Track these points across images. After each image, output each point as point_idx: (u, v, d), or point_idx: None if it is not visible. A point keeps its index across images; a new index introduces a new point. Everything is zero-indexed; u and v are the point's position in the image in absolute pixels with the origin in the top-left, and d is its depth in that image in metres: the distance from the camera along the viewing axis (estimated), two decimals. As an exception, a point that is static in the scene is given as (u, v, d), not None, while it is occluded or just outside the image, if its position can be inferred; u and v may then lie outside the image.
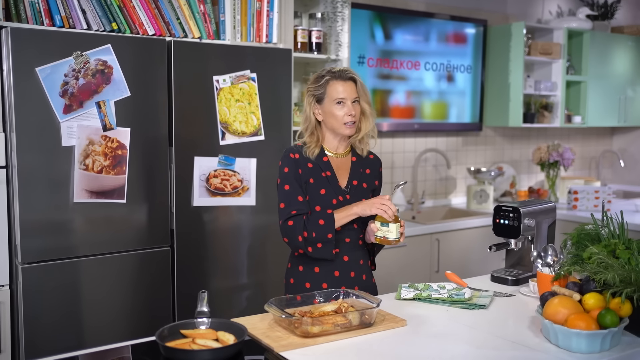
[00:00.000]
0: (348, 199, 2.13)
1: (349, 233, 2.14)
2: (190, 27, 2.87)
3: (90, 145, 2.47)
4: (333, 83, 2.10)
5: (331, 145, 2.17)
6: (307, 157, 2.13)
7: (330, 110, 2.10)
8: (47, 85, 2.37)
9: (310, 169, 2.12)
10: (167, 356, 1.57)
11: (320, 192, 2.11)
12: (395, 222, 2.03)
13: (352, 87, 2.10)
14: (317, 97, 2.12)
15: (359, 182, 2.18)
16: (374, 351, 1.64)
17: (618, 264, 1.75)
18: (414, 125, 4.32)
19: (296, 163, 2.11)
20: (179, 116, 2.68)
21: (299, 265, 2.18)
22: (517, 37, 4.45)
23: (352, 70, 2.15)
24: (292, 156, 2.12)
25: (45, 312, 2.44)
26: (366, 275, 2.21)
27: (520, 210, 2.29)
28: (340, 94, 2.08)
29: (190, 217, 2.74)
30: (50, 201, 2.42)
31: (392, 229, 2.03)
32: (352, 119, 2.09)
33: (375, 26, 4.05)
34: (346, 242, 2.15)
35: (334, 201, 2.12)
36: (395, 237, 2.03)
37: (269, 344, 1.66)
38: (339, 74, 2.10)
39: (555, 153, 4.62)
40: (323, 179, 2.12)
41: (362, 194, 2.18)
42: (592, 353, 1.61)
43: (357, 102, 2.11)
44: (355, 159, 2.20)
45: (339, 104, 2.09)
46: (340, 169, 2.17)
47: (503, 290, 2.23)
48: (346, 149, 2.20)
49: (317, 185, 2.11)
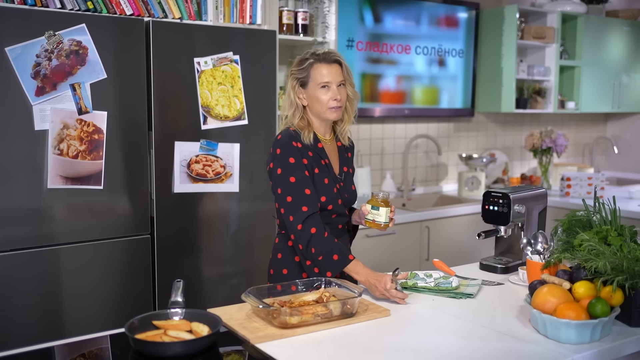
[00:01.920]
0: (342, 186, 2.08)
1: (341, 219, 2.09)
2: (170, 7, 2.77)
3: (65, 129, 2.38)
4: (317, 66, 2.00)
5: (319, 131, 2.08)
6: (306, 143, 1.99)
7: (314, 95, 2.00)
8: (17, 66, 2.27)
9: (312, 157, 2.00)
10: (137, 349, 1.49)
11: (324, 181, 2.02)
12: (386, 206, 1.99)
13: (337, 70, 2.01)
14: (300, 81, 2.02)
15: (348, 167, 2.14)
16: (354, 343, 1.57)
17: (609, 251, 1.69)
18: (404, 111, 4.24)
19: (300, 152, 1.97)
20: (159, 99, 2.59)
21: (277, 253, 2.10)
22: (510, 21, 4.36)
23: (337, 52, 2.07)
24: (294, 144, 1.97)
25: (19, 302, 2.36)
26: None
27: (510, 197, 2.22)
28: (325, 78, 1.99)
29: (171, 204, 2.66)
30: (23, 188, 2.33)
31: (381, 213, 1.99)
32: (337, 103, 2.00)
33: (364, 8, 3.95)
34: (339, 228, 2.09)
35: (334, 189, 2.04)
36: (384, 220, 1.99)
37: (245, 335, 1.58)
38: (323, 57, 2.01)
39: (548, 139, 4.56)
40: (324, 167, 2.03)
41: (351, 180, 2.14)
42: (581, 343, 1.54)
43: (342, 85, 2.03)
44: (340, 144, 2.14)
45: (323, 87, 1.99)
46: (332, 156, 2.09)
47: (492, 278, 2.17)
48: (331, 134, 2.12)
49: (322, 174, 2.02)
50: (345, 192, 2.10)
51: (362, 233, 3.50)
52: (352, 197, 2.13)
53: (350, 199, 2.12)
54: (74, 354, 1.58)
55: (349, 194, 2.11)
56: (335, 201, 2.04)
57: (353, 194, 2.13)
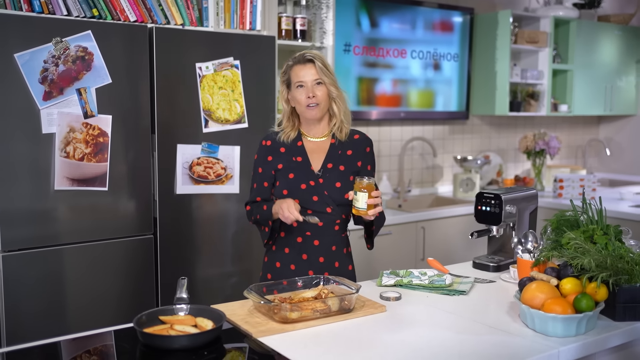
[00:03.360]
0: (321, 182, 2.10)
1: (321, 217, 2.08)
2: (172, 14, 2.85)
3: (71, 132, 2.45)
4: (294, 68, 2.10)
5: (307, 129, 2.17)
6: (280, 142, 2.15)
7: (294, 96, 2.10)
8: (26, 72, 2.34)
9: (282, 154, 2.14)
10: (145, 342, 1.56)
11: (289, 176, 2.12)
12: (368, 191, 1.97)
13: (311, 69, 2.07)
14: (285, 84, 2.14)
15: (334, 164, 2.13)
16: (352, 336, 1.64)
17: (595, 249, 1.77)
18: (400, 114, 4.32)
19: (266, 150, 2.16)
20: (161, 103, 2.67)
21: (272, 245, 2.21)
22: (503, 26, 4.45)
23: (314, 52, 2.12)
24: (263, 143, 2.19)
25: (27, 300, 2.43)
26: (340, 263, 2.17)
27: (501, 197, 2.30)
28: (300, 77, 2.07)
29: (173, 205, 2.73)
30: (31, 189, 2.40)
31: (359, 198, 1.97)
32: (311, 101, 2.06)
33: (361, 14, 4.03)
34: (319, 226, 2.10)
35: (303, 186, 2.10)
36: (361, 206, 1.97)
37: (247, 330, 1.66)
38: (298, 58, 2.10)
39: (541, 141, 4.64)
40: (293, 163, 2.12)
41: (337, 177, 2.12)
42: (567, 337, 1.62)
43: (320, 84, 2.08)
44: (334, 141, 2.16)
45: (300, 87, 2.08)
46: (316, 153, 2.15)
47: (484, 276, 2.24)
48: (324, 133, 2.17)
49: (286, 170, 2.12)
50: (326, 189, 2.10)
51: (358, 233, 3.57)
52: (336, 194, 2.10)
53: (334, 197, 2.10)
54: (80, 351, 1.63)
55: (330, 191, 2.10)
56: (307, 197, 2.07)
57: (337, 191, 2.10)
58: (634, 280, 1.72)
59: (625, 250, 1.78)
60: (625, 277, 1.71)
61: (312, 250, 2.13)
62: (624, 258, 1.74)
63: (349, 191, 2.07)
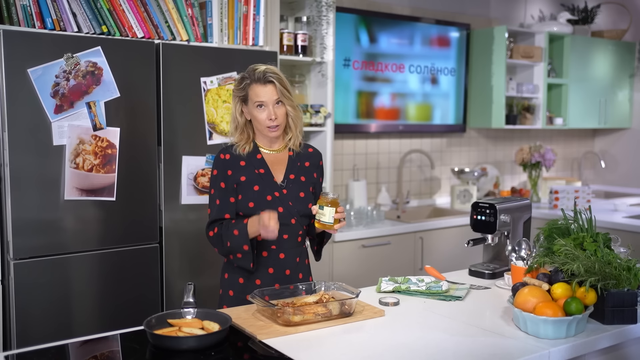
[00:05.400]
0: (285, 193, 2.11)
1: (286, 229, 2.09)
2: (178, 30, 2.95)
3: (81, 144, 2.54)
4: (253, 86, 2.07)
5: (264, 143, 2.16)
6: (238, 155, 2.12)
7: (252, 113, 2.09)
8: (38, 86, 2.43)
9: (243, 167, 2.12)
10: (155, 343, 1.64)
11: (254, 188, 2.10)
12: (333, 206, 2.00)
13: (272, 90, 2.06)
14: (241, 99, 2.12)
15: (296, 175, 2.16)
16: (352, 339, 1.72)
17: (584, 255, 1.85)
18: (398, 127, 4.41)
19: (225, 164, 2.12)
20: (168, 116, 2.76)
21: (224, 273, 2.21)
22: (499, 41, 4.56)
23: (273, 70, 2.10)
24: (222, 157, 2.13)
25: (37, 305, 2.50)
26: (303, 274, 2.20)
27: (496, 207, 2.38)
28: (260, 97, 2.06)
29: (178, 214, 2.81)
30: (41, 199, 2.48)
31: (325, 212, 2.01)
32: (273, 122, 2.07)
33: (360, 30, 4.15)
34: (284, 238, 2.11)
35: (269, 197, 2.09)
36: (327, 220, 2.01)
37: (252, 332, 1.73)
38: (257, 77, 2.07)
39: (537, 154, 4.73)
40: (256, 175, 2.11)
41: (299, 188, 2.15)
42: (558, 339, 1.70)
43: (280, 103, 2.09)
44: (292, 153, 2.18)
45: (259, 107, 2.07)
46: (276, 164, 2.15)
47: (480, 283, 2.32)
48: (281, 146, 2.18)
49: (250, 182, 2.10)
50: (290, 200, 2.11)
51: (358, 243, 3.66)
52: (300, 205, 2.12)
53: (298, 207, 2.12)
54: (87, 356, 1.69)
55: (295, 202, 2.12)
56: (273, 208, 2.05)
57: (301, 202, 2.13)
58: (622, 285, 1.81)
59: (614, 256, 1.86)
60: (613, 282, 1.80)
61: (279, 263, 2.13)
62: (612, 264, 1.82)
63: (309, 202, 2.13)
